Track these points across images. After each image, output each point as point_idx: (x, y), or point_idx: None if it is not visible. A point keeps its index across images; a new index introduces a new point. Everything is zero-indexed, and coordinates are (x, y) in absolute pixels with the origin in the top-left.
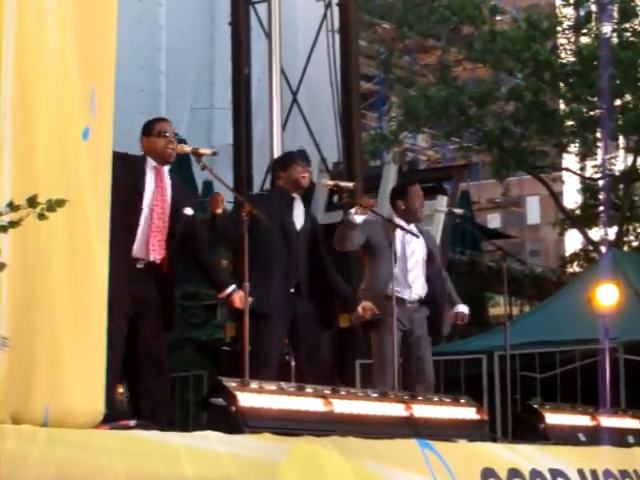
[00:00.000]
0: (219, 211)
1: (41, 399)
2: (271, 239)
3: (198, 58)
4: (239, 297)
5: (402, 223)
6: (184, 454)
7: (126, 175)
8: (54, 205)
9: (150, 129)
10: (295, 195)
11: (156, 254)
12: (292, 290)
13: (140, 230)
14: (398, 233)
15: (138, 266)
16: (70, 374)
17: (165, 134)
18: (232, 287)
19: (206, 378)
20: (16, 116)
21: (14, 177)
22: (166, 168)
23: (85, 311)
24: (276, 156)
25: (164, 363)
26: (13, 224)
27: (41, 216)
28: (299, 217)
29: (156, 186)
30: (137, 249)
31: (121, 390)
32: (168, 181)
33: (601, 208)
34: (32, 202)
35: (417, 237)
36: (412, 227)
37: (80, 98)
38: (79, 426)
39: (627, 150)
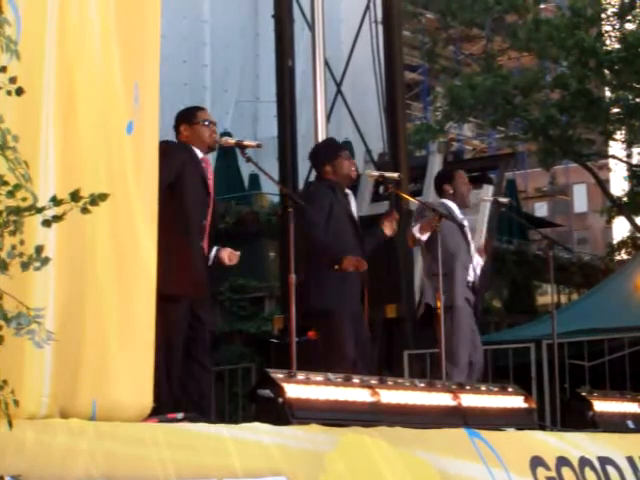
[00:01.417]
0: None
1: (89, 393)
2: (345, 238)
3: (242, 51)
4: (226, 254)
5: (453, 206)
6: (232, 446)
7: (194, 171)
8: (97, 199)
9: (194, 117)
10: (348, 191)
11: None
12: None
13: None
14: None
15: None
16: (117, 368)
17: (210, 123)
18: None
19: (255, 371)
20: (59, 111)
21: (58, 172)
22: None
23: (133, 305)
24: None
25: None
26: (57, 218)
27: (84, 210)
28: (355, 212)
29: (209, 178)
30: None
31: None
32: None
33: None
34: (75, 196)
35: (463, 226)
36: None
37: (123, 92)
38: (127, 419)
39: None
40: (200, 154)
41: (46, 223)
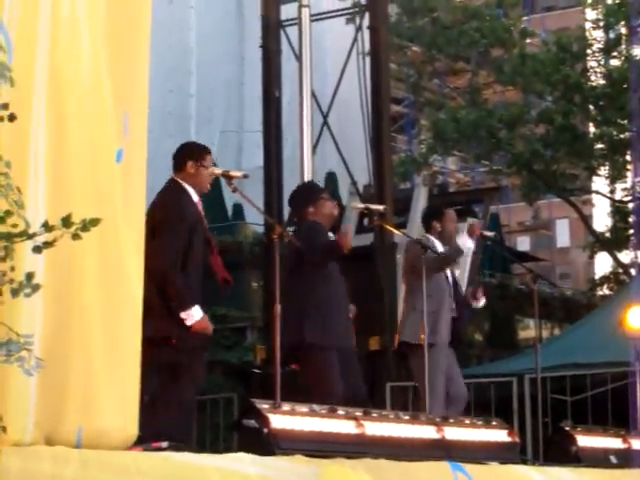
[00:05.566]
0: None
1: (74, 420)
2: (332, 274)
3: (228, 81)
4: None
5: (436, 243)
6: (215, 477)
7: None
8: (88, 225)
9: (203, 159)
10: (329, 232)
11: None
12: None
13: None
14: None
15: None
16: (103, 395)
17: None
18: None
19: (236, 401)
20: (50, 137)
21: (48, 198)
22: None
23: (119, 333)
24: (306, 179)
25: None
26: (47, 244)
27: (75, 236)
28: None
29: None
30: None
31: None
32: None
33: (631, 231)
34: (66, 222)
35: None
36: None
37: (113, 121)
38: (112, 447)
39: None
40: (196, 198)
41: (37, 249)
